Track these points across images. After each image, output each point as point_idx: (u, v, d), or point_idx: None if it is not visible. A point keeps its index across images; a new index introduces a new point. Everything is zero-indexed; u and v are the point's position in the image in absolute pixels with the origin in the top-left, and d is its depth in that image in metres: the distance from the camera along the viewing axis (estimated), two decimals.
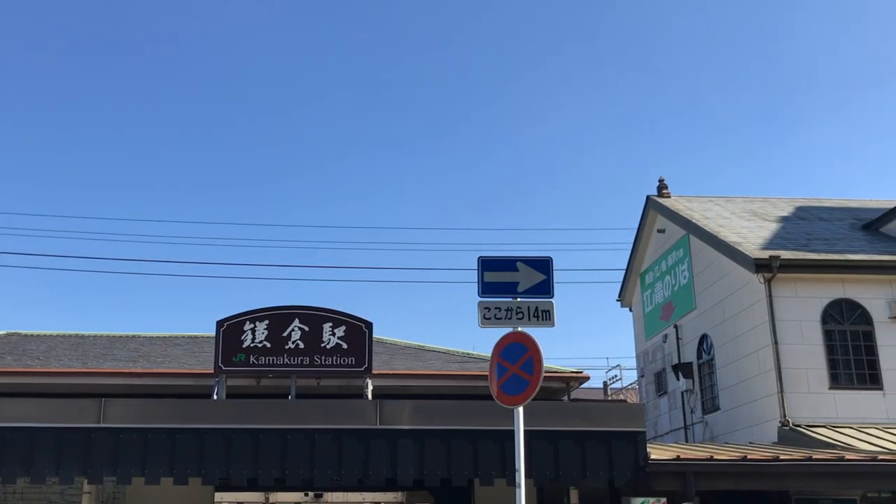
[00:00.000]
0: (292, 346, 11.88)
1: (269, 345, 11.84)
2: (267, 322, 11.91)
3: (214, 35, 57.68)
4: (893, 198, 19.17)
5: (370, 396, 11.92)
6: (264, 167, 64.07)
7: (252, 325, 11.86)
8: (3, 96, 53.73)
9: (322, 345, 11.93)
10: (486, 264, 7.84)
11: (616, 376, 28.17)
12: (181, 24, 57.25)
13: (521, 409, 7.32)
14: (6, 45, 52.83)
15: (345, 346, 11.95)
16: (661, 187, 19.31)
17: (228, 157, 63.40)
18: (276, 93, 61.73)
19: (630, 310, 21.01)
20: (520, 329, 7.58)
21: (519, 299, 7.72)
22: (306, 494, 12.44)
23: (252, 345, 11.82)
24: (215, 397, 11.67)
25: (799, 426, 13.48)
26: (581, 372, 14.26)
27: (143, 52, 57.06)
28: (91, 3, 54.82)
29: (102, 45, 57.53)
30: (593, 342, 58.84)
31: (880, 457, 10.74)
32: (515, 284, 7.74)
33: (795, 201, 19.20)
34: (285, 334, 11.92)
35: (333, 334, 12.01)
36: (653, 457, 10.03)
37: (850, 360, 14.27)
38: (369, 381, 12.14)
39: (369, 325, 12.12)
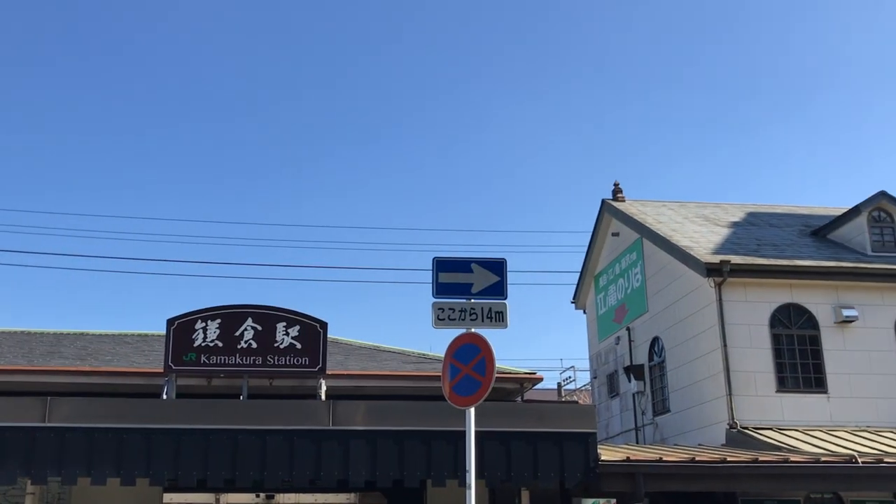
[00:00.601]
0: (245, 346, 11.75)
1: (220, 344, 11.69)
2: (219, 321, 11.75)
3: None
4: (841, 202, 19.65)
5: (324, 397, 11.84)
6: (225, 165, 63.40)
7: (203, 324, 11.70)
8: None
9: (275, 345, 11.81)
10: (441, 265, 7.85)
11: (570, 378, 28.42)
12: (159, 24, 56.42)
13: (472, 409, 7.33)
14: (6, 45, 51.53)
15: (298, 346, 11.85)
16: (616, 191, 19.53)
17: (182, 154, 62.64)
18: (234, 95, 61.14)
19: (584, 312, 21.19)
20: (473, 330, 7.60)
21: (473, 300, 7.75)
22: (258, 495, 12.33)
23: (203, 344, 11.66)
24: (165, 397, 11.50)
25: (746, 429, 13.71)
26: (534, 373, 14.33)
27: (108, 53, 56.09)
28: (91, 4, 53.75)
29: (93, 46, 56.44)
30: (548, 344, 59.29)
31: (823, 459, 10.97)
32: (469, 286, 7.78)
33: (747, 207, 19.55)
34: (237, 334, 11.79)
35: (287, 334, 11.90)
36: (603, 458, 10.12)
37: (797, 363, 14.55)
38: (323, 382, 12.05)
39: (324, 324, 12.03)
